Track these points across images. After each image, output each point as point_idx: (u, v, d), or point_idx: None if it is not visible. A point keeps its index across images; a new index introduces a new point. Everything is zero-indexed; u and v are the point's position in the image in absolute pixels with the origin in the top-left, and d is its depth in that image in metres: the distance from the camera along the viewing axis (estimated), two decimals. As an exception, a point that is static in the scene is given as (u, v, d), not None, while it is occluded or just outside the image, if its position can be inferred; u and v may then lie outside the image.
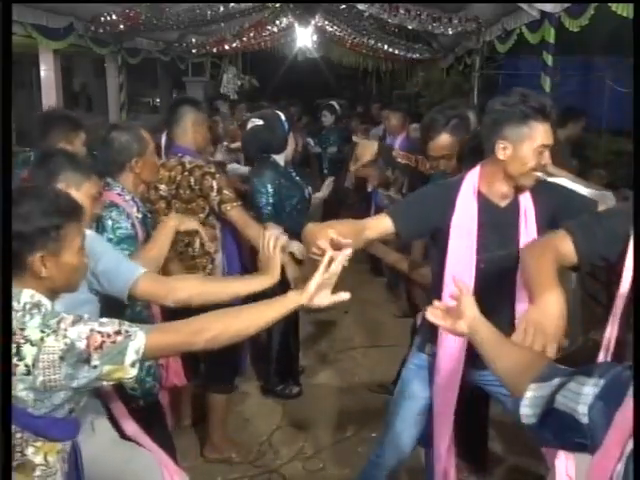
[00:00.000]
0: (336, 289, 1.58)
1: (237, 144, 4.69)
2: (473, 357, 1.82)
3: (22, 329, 1.34)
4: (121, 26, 6.25)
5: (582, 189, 2.15)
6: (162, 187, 2.88)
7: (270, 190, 3.29)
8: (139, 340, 1.39)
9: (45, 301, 1.43)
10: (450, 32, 6.47)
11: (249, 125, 3.45)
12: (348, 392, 3.76)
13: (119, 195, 2.24)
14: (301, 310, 1.61)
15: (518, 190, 1.99)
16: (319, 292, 1.55)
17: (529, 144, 1.88)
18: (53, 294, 1.49)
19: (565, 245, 1.70)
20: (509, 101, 1.90)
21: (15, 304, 1.38)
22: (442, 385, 2.10)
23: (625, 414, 0.88)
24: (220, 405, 3.05)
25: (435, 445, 2.20)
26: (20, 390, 1.33)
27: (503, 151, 1.90)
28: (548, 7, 4.47)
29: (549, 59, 4.73)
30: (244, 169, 4.08)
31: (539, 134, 1.88)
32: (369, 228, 1.98)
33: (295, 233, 3.44)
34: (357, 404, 3.59)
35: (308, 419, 3.44)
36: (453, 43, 7.90)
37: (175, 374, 2.53)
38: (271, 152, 3.39)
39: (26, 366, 1.32)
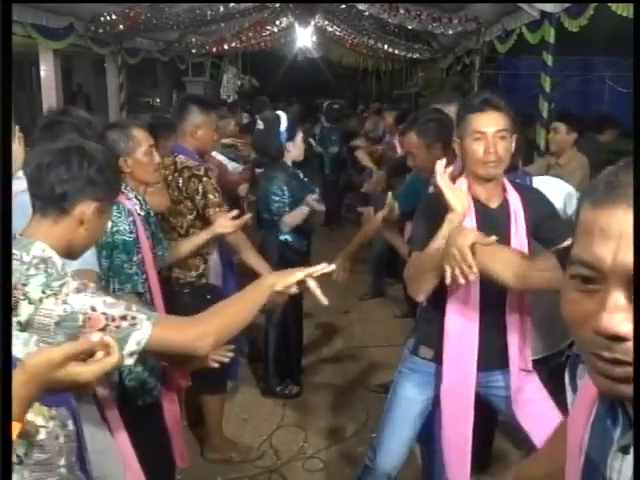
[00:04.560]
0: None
1: (229, 141, 4.73)
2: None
3: (24, 284, 1.26)
4: (121, 26, 6.27)
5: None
6: None
7: (286, 192, 3.30)
8: (144, 331, 1.30)
9: (56, 258, 1.33)
10: (450, 32, 6.49)
11: (256, 128, 3.51)
12: (348, 392, 3.76)
13: (121, 193, 2.23)
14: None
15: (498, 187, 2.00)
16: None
17: (468, 132, 1.95)
18: (70, 253, 1.43)
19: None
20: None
21: (24, 255, 1.30)
22: (452, 394, 2.03)
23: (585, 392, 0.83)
24: (214, 406, 3.02)
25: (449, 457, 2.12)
26: (16, 346, 1.24)
27: (458, 147, 2.00)
28: (548, 7, 4.48)
29: (549, 59, 4.73)
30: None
31: (473, 122, 1.93)
32: None
33: (302, 234, 3.46)
34: (357, 404, 3.59)
35: (308, 419, 3.44)
36: (453, 43, 7.91)
37: (180, 375, 2.50)
38: (271, 154, 3.40)
39: (19, 323, 1.25)
